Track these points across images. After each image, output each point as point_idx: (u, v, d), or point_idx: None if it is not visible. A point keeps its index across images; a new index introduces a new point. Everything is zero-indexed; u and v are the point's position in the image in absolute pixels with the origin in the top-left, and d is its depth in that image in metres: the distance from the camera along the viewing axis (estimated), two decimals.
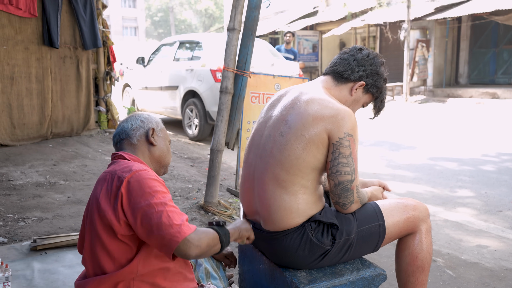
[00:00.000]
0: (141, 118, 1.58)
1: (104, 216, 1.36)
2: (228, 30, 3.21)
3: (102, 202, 1.36)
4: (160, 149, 1.58)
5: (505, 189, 4.30)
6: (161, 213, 1.31)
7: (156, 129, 1.59)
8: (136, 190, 1.34)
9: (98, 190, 1.41)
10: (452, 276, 2.57)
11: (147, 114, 1.63)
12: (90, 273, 1.43)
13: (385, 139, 7.12)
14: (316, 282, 1.58)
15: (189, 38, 7.66)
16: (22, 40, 5.12)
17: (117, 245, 1.37)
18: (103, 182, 1.40)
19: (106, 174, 1.42)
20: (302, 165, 1.53)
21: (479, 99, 11.46)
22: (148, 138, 1.56)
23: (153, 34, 41.82)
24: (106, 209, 1.35)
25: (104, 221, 1.36)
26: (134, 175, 1.36)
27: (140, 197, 1.33)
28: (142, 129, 1.56)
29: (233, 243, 2.77)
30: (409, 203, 1.72)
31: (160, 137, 1.60)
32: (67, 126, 5.67)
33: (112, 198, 1.35)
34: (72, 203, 3.43)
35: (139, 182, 1.35)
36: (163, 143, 1.60)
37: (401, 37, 12.12)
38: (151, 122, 1.59)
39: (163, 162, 1.61)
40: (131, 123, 1.57)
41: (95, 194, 1.42)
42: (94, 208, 1.39)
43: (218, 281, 1.73)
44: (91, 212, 1.41)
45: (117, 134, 1.57)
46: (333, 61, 1.77)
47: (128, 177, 1.36)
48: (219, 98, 3.25)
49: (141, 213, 1.32)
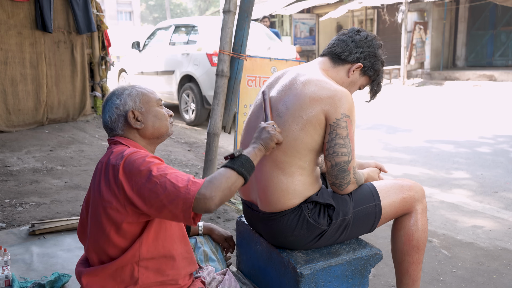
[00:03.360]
0: (115, 105, 1.44)
1: (109, 206, 1.33)
2: (223, 12, 3.17)
3: (105, 194, 1.34)
4: (150, 125, 1.45)
5: (500, 171, 4.33)
6: (165, 183, 1.27)
7: (135, 107, 1.44)
8: (134, 173, 1.31)
9: (97, 181, 1.38)
10: (447, 256, 2.60)
11: (121, 92, 1.47)
12: (95, 262, 1.42)
13: (382, 122, 7.13)
14: (313, 262, 1.59)
15: (184, 22, 7.58)
16: (15, 25, 5.05)
17: (123, 233, 1.35)
18: (100, 173, 1.38)
19: (102, 164, 1.39)
20: (300, 146, 1.53)
21: (476, 82, 11.44)
22: (131, 125, 1.44)
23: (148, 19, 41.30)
24: (110, 199, 1.33)
25: (109, 211, 1.33)
26: (126, 159, 1.33)
27: (139, 177, 1.30)
28: (121, 118, 1.44)
29: (231, 227, 2.80)
30: (405, 184, 1.73)
31: (143, 112, 1.45)
32: (63, 111, 5.63)
33: (114, 188, 1.32)
34: (69, 188, 3.44)
35: (133, 164, 1.32)
36: (149, 116, 1.46)
37: (399, 19, 12.02)
38: (126, 103, 1.44)
39: (160, 133, 1.49)
40: (108, 115, 1.45)
41: (95, 185, 1.39)
42: (97, 199, 1.37)
43: (217, 263, 1.74)
44: (95, 204, 1.38)
45: (104, 127, 1.51)
46: (331, 42, 1.75)
47: (122, 163, 1.32)
48: (215, 81, 3.23)
49: (147, 192, 1.28)
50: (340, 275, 1.62)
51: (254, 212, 1.70)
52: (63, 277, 1.91)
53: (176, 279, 1.43)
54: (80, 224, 1.50)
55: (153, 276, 1.39)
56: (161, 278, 1.40)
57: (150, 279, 1.38)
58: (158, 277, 1.40)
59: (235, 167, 1.33)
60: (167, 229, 1.43)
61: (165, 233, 1.42)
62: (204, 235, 1.85)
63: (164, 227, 1.42)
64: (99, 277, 1.39)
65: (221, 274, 1.64)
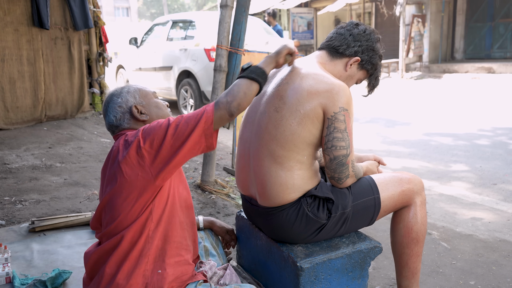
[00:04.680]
0: (117, 104, 1.50)
1: (135, 179, 1.34)
2: (221, 7, 3.16)
3: (128, 168, 1.34)
4: (154, 115, 1.52)
5: (499, 163, 4.34)
6: (183, 118, 1.35)
7: (136, 102, 1.51)
8: (156, 132, 1.34)
9: (115, 164, 1.37)
10: (446, 248, 2.61)
11: (119, 92, 1.53)
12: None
13: (380, 115, 7.13)
14: (313, 255, 1.60)
15: (182, 17, 7.55)
16: (12, 22, 5.02)
17: (141, 201, 1.36)
18: (117, 154, 1.38)
19: (118, 147, 1.39)
20: (298, 140, 1.53)
21: (475, 74, 11.42)
22: (137, 118, 1.50)
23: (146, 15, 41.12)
24: (137, 171, 1.34)
25: (135, 183, 1.34)
26: (143, 131, 1.37)
27: (160, 130, 1.34)
28: (126, 114, 1.49)
29: (230, 222, 2.81)
30: (404, 177, 1.73)
31: (145, 105, 1.52)
32: (61, 108, 5.62)
33: (138, 158, 1.34)
34: (69, 185, 3.44)
35: (151, 128, 1.36)
36: (151, 107, 1.53)
37: (397, 12, 11.98)
38: (128, 100, 1.51)
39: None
40: (113, 115, 1.50)
41: (111, 167, 1.39)
42: (118, 177, 1.36)
43: (217, 258, 1.75)
44: (116, 183, 1.37)
45: (109, 128, 1.53)
46: (329, 35, 1.75)
47: (140, 134, 1.36)
48: (213, 76, 3.23)
49: (171, 136, 1.32)
50: (340, 268, 1.62)
51: (254, 207, 1.70)
52: (63, 274, 1.92)
53: (179, 249, 1.45)
54: (97, 213, 1.49)
55: (161, 242, 1.41)
56: (167, 245, 1.42)
57: (159, 244, 1.40)
58: (164, 244, 1.42)
59: (244, 75, 1.43)
60: (174, 202, 1.45)
61: (173, 204, 1.45)
62: (205, 230, 1.85)
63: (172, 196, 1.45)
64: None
65: (222, 269, 1.65)
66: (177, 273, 1.41)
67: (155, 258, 1.39)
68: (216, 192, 3.28)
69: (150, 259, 1.38)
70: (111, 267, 1.36)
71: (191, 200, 1.57)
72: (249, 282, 1.78)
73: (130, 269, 1.36)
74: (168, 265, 1.40)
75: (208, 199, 3.18)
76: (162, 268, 1.39)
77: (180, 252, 1.45)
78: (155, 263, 1.39)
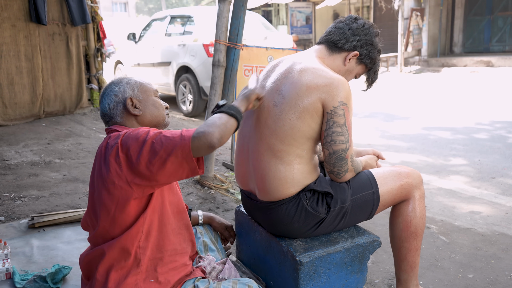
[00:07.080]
0: (114, 92, 1.48)
1: (112, 186, 1.33)
2: (218, 2, 3.15)
3: (106, 175, 1.34)
4: (148, 113, 1.50)
5: (498, 156, 4.35)
6: (160, 140, 1.30)
7: (133, 95, 1.49)
8: (132, 144, 1.32)
9: (98, 166, 1.38)
10: (445, 242, 2.62)
11: (119, 81, 1.51)
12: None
13: (379, 110, 7.13)
14: (312, 250, 1.60)
15: (180, 13, 7.52)
16: (9, 17, 4.99)
17: (127, 212, 1.36)
18: (100, 157, 1.38)
19: (101, 149, 1.40)
20: (297, 134, 1.53)
21: (473, 68, 11.42)
22: (129, 112, 1.47)
23: (144, 10, 40.94)
24: (113, 179, 1.33)
25: (113, 191, 1.33)
26: (123, 137, 1.35)
27: (137, 145, 1.31)
28: (120, 105, 1.47)
29: (230, 217, 2.81)
30: (402, 171, 1.73)
31: (141, 100, 1.50)
32: (60, 104, 5.61)
33: (115, 166, 1.32)
34: (68, 181, 3.44)
35: (130, 138, 1.33)
36: (147, 104, 1.50)
37: (395, 6, 11.95)
38: (125, 91, 1.48)
39: (157, 122, 1.52)
40: (107, 103, 1.48)
41: (95, 170, 1.40)
42: (99, 183, 1.37)
43: (216, 253, 1.75)
44: (98, 188, 1.38)
45: (102, 116, 1.52)
46: (327, 30, 1.74)
47: (119, 141, 1.33)
48: (212, 72, 3.22)
49: (146, 154, 1.29)
50: (339, 262, 1.63)
51: (253, 202, 1.70)
52: (63, 269, 1.92)
53: (173, 256, 1.44)
54: (86, 213, 1.50)
55: (153, 253, 1.40)
56: (160, 255, 1.41)
57: (151, 255, 1.39)
58: (157, 254, 1.41)
59: (223, 109, 1.40)
60: (165, 207, 1.44)
61: (163, 210, 1.43)
62: (204, 225, 1.86)
63: (162, 202, 1.43)
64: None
65: (221, 264, 1.65)
66: (170, 277, 1.42)
67: (147, 268, 1.39)
68: (215, 187, 3.28)
69: (142, 269, 1.38)
70: (101, 275, 1.37)
71: (183, 203, 1.56)
72: (249, 276, 1.78)
73: (120, 279, 1.36)
74: (160, 274, 1.40)
75: (207, 195, 3.19)
76: (154, 277, 1.39)
77: (175, 259, 1.44)
78: (147, 272, 1.39)
